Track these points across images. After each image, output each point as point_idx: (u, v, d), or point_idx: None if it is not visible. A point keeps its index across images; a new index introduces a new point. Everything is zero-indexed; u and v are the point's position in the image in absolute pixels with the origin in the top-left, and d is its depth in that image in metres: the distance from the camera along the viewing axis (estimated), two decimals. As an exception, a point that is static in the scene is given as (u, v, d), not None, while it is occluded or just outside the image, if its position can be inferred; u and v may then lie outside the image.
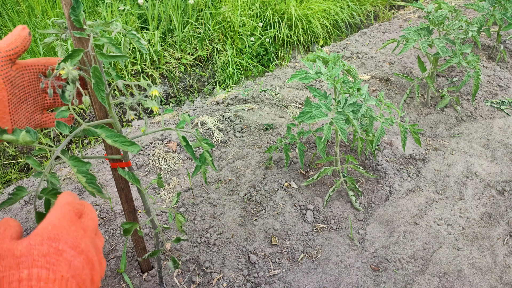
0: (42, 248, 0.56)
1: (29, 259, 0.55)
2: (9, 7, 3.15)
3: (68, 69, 0.79)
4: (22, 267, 0.54)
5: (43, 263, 0.55)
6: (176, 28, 3.58)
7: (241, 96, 2.75)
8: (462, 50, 2.45)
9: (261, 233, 1.80)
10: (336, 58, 1.84)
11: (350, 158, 1.94)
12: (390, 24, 4.09)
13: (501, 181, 2.16)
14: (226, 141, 2.34)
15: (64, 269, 0.57)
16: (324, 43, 4.23)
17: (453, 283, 1.65)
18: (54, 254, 0.57)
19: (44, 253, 0.56)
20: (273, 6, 4.00)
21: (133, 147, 0.89)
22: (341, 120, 1.66)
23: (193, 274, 1.63)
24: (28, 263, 0.54)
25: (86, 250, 0.62)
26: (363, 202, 2.00)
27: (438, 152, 2.36)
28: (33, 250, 0.56)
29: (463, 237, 1.85)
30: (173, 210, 1.22)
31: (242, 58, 3.76)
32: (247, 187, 2.02)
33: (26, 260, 0.54)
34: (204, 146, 1.18)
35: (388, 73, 3.06)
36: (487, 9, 2.83)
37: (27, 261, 0.54)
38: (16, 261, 0.54)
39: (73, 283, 0.57)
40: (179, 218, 1.23)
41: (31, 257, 0.55)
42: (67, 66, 0.79)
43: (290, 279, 1.64)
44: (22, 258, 0.55)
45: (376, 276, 1.67)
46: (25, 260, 0.54)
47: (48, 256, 0.56)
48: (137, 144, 0.90)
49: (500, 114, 2.71)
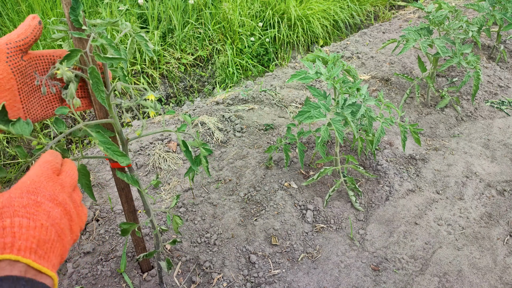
0: (22, 200, 0.62)
1: (11, 210, 0.60)
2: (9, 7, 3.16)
3: (63, 70, 0.79)
4: (5, 216, 0.59)
5: (23, 213, 0.61)
6: (176, 28, 3.58)
7: (241, 96, 2.75)
8: (462, 50, 2.45)
9: (261, 233, 1.80)
10: (335, 58, 1.84)
11: (350, 158, 1.94)
12: (390, 24, 4.09)
13: (501, 181, 2.16)
14: (226, 141, 2.34)
15: (43, 218, 0.62)
16: (324, 43, 4.23)
17: (453, 283, 1.65)
18: (34, 205, 0.63)
19: (24, 204, 0.62)
20: (273, 6, 4.00)
21: (123, 158, 0.90)
22: (339, 122, 1.66)
23: (193, 274, 1.63)
24: (10, 213, 0.60)
25: (63, 203, 0.68)
26: (363, 202, 2.00)
27: (438, 152, 2.36)
28: (13, 202, 0.61)
29: (463, 237, 1.85)
30: (172, 212, 1.22)
31: (242, 58, 3.76)
32: (247, 187, 2.02)
33: (8, 210, 0.60)
34: (202, 152, 1.18)
35: (388, 73, 3.06)
36: (487, 9, 2.83)
37: (8, 211, 0.60)
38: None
39: (52, 231, 0.63)
40: (177, 220, 1.23)
41: (12, 208, 0.60)
42: (61, 67, 0.79)
43: (290, 279, 1.64)
44: (4, 209, 0.60)
45: (376, 276, 1.67)
46: (6, 210, 0.60)
47: (28, 207, 0.62)
48: (127, 157, 0.91)
49: (500, 114, 2.71)
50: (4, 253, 0.56)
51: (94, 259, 1.64)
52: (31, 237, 0.60)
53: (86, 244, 1.70)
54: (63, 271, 1.60)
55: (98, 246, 1.69)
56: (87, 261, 1.63)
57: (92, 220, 1.81)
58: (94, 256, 1.65)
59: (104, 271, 1.59)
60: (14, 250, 0.57)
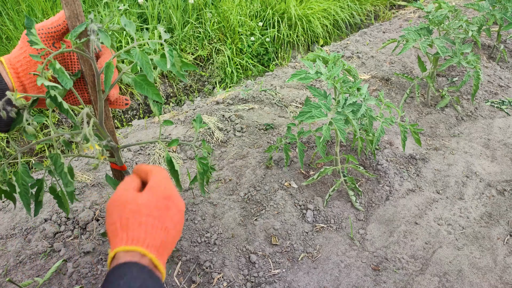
0: (158, 203, 0.77)
1: (148, 209, 0.75)
2: (9, 7, 3.15)
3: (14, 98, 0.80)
4: (142, 214, 0.74)
5: (156, 214, 0.75)
6: (176, 28, 3.58)
7: (241, 96, 2.75)
8: (462, 49, 2.45)
9: (261, 233, 1.80)
10: (336, 58, 1.84)
11: (350, 158, 1.94)
12: (390, 24, 4.09)
13: (501, 181, 2.16)
14: (226, 141, 2.34)
15: (168, 221, 0.77)
16: (324, 43, 4.23)
17: (453, 283, 1.65)
18: (164, 209, 0.78)
19: (159, 206, 0.77)
20: (273, 6, 4.00)
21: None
22: (340, 120, 1.66)
23: (193, 273, 1.63)
24: (147, 212, 0.75)
25: (182, 210, 0.83)
26: (363, 202, 2.00)
27: (438, 152, 2.36)
28: (150, 203, 0.76)
29: (463, 237, 1.85)
30: None
31: (242, 58, 3.76)
32: (247, 186, 2.02)
33: (145, 209, 0.75)
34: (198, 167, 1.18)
35: (388, 72, 3.06)
36: (487, 9, 2.83)
37: (145, 210, 0.75)
38: (138, 208, 0.75)
39: (171, 234, 0.78)
40: None
41: (149, 208, 0.75)
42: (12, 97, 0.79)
43: (290, 278, 1.64)
44: (142, 207, 0.75)
45: (376, 276, 1.67)
46: (144, 209, 0.75)
47: (161, 210, 0.77)
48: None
49: (501, 114, 2.71)
50: (137, 245, 0.71)
51: (94, 259, 1.64)
52: (158, 237, 0.73)
53: (86, 244, 1.70)
54: (63, 271, 1.60)
55: (98, 246, 1.69)
56: (87, 260, 1.63)
57: (92, 220, 1.81)
58: (94, 256, 1.65)
59: (105, 270, 1.59)
60: (145, 245, 0.71)
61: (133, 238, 0.71)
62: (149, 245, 0.71)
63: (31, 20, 0.82)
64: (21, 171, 0.93)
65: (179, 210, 0.81)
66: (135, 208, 0.74)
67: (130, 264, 0.68)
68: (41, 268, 1.62)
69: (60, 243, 1.71)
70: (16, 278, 1.58)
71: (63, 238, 1.74)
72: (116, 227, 0.73)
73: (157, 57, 0.89)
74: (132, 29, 0.87)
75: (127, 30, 0.87)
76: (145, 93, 0.92)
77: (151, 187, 0.80)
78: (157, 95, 0.93)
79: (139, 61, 0.84)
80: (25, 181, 0.95)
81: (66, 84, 0.82)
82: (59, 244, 1.70)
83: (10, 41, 3.06)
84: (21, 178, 0.94)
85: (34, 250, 1.68)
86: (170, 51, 0.85)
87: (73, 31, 0.85)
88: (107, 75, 0.87)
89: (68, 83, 0.82)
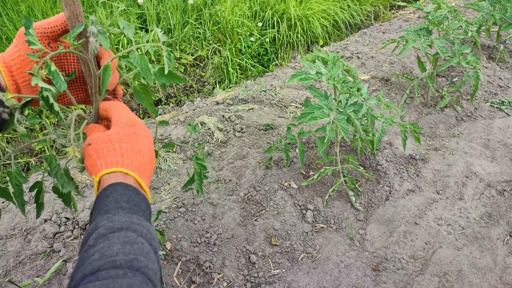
0: (125, 131, 0.81)
1: (117, 137, 0.79)
2: (9, 7, 3.15)
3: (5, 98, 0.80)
4: (113, 141, 0.78)
5: (127, 140, 0.80)
6: (175, 28, 3.58)
7: (241, 96, 2.75)
8: (462, 50, 2.45)
9: (261, 233, 1.80)
10: (335, 58, 1.84)
11: (350, 158, 1.94)
12: (390, 24, 4.09)
13: (501, 181, 2.16)
14: (226, 141, 2.34)
15: (140, 145, 0.81)
16: (324, 43, 4.23)
17: (453, 283, 1.65)
18: (133, 135, 0.81)
19: (127, 134, 0.81)
20: (272, 6, 4.00)
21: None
22: (343, 120, 1.66)
23: (193, 274, 1.63)
24: (117, 139, 0.79)
25: (150, 136, 0.86)
26: (363, 202, 2.00)
27: (438, 152, 2.36)
28: (119, 132, 0.81)
29: (463, 237, 1.85)
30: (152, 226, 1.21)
31: (241, 58, 3.76)
32: (247, 187, 2.02)
33: (115, 138, 0.79)
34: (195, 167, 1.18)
35: (388, 73, 3.06)
36: (486, 9, 2.83)
37: (116, 139, 0.79)
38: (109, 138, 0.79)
39: (146, 156, 0.82)
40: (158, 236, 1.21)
41: (118, 136, 0.79)
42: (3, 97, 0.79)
43: (290, 279, 1.64)
44: (113, 136, 0.79)
45: (376, 276, 1.67)
46: (114, 137, 0.79)
47: (130, 136, 0.81)
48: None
49: (500, 114, 2.71)
50: (118, 167, 0.74)
51: (94, 259, 1.63)
52: (135, 159, 0.78)
53: (86, 244, 1.70)
54: (63, 271, 1.60)
55: (98, 246, 1.69)
56: (87, 261, 1.63)
57: (92, 220, 1.81)
58: (94, 256, 1.65)
59: (104, 271, 1.59)
60: (124, 165, 0.75)
61: (111, 162, 0.75)
62: (128, 166, 0.76)
63: (29, 20, 0.82)
64: (15, 171, 0.93)
65: (147, 135, 0.85)
66: (106, 139, 0.79)
67: (115, 184, 0.72)
68: (41, 268, 1.61)
69: (60, 243, 1.71)
70: (16, 279, 1.58)
71: (63, 238, 1.74)
72: (94, 158, 0.77)
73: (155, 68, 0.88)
74: (130, 32, 0.86)
75: (125, 33, 0.86)
76: (141, 102, 0.92)
77: (115, 121, 0.84)
78: (151, 105, 0.93)
79: (138, 65, 0.84)
80: (18, 182, 0.94)
81: (60, 87, 0.81)
82: (59, 245, 1.70)
83: (10, 42, 3.06)
84: (14, 179, 0.93)
85: (34, 251, 1.68)
86: (168, 56, 0.84)
87: (72, 32, 0.85)
88: (104, 78, 0.86)
89: (62, 85, 0.81)
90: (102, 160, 0.75)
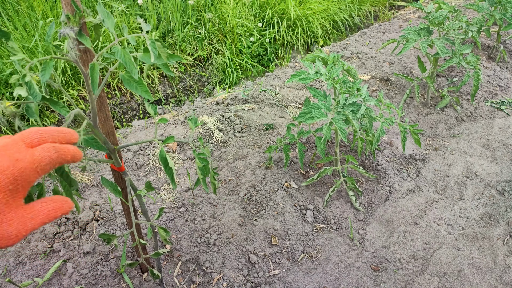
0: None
1: None
2: (9, 7, 3.15)
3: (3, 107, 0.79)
4: None
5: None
6: (175, 28, 3.58)
7: (241, 96, 2.75)
8: (462, 50, 2.45)
9: (261, 233, 1.79)
10: (335, 58, 1.84)
11: (350, 158, 1.94)
12: (390, 24, 4.09)
13: (501, 181, 2.16)
14: (226, 141, 2.34)
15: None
16: (324, 43, 4.23)
17: (453, 283, 1.65)
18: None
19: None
20: (272, 6, 4.00)
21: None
22: (340, 120, 1.66)
23: (193, 274, 1.63)
24: None
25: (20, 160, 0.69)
26: (363, 202, 2.00)
27: (438, 152, 2.36)
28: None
29: (463, 237, 1.85)
30: (156, 223, 1.21)
31: (241, 58, 3.76)
32: (247, 187, 2.02)
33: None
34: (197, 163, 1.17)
35: (388, 73, 3.06)
36: (487, 9, 2.83)
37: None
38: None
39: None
40: (161, 233, 1.21)
41: None
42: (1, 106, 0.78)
43: (290, 279, 1.64)
44: None
45: (376, 276, 1.67)
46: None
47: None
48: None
49: (500, 114, 2.71)
50: None
51: (94, 259, 1.63)
52: None
53: (86, 244, 1.70)
54: (63, 271, 1.60)
55: (98, 246, 1.69)
56: (87, 261, 1.63)
57: (92, 220, 1.81)
58: (94, 256, 1.65)
59: (104, 271, 1.59)
60: None
61: None
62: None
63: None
64: None
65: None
66: None
67: None
68: (40, 268, 1.61)
69: (60, 243, 1.71)
70: (16, 279, 1.58)
71: (63, 238, 1.74)
72: None
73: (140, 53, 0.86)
74: (111, 24, 0.83)
75: (105, 25, 0.82)
76: (134, 90, 0.89)
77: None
78: (146, 92, 0.89)
79: (121, 59, 0.82)
80: None
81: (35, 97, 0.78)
82: (59, 245, 1.70)
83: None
84: None
85: (34, 251, 1.68)
86: (152, 43, 0.82)
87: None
88: (93, 76, 0.85)
89: (38, 96, 0.79)
90: None
